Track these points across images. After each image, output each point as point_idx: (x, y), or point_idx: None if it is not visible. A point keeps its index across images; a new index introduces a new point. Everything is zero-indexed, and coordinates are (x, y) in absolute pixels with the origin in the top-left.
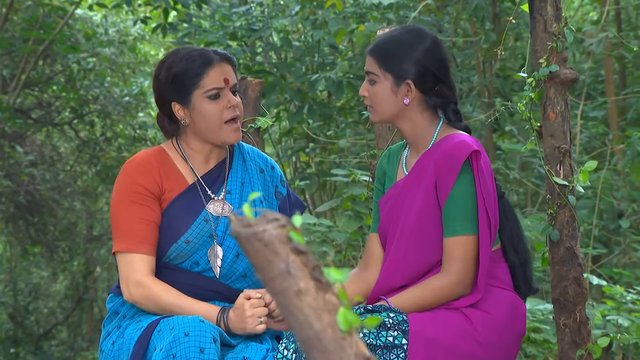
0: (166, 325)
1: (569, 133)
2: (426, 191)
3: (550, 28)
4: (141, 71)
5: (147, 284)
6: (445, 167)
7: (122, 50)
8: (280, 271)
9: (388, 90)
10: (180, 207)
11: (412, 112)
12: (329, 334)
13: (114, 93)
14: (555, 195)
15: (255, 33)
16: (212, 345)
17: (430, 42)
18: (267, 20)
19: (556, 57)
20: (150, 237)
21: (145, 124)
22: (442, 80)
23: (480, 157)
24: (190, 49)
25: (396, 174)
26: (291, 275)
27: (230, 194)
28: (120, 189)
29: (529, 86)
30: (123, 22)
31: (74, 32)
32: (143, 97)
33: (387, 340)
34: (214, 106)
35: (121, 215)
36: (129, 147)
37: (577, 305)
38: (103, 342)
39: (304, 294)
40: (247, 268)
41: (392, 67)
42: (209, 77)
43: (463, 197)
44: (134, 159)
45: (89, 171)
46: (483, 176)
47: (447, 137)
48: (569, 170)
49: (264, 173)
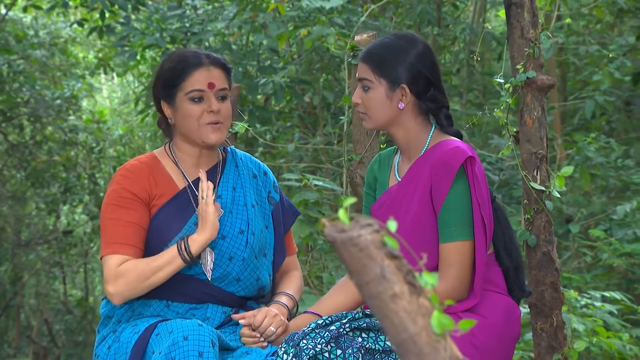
0: (164, 328)
1: (545, 139)
2: (421, 197)
3: (527, 34)
4: (72, 74)
5: (121, 271)
6: (441, 173)
7: (53, 52)
8: (376, 275)
9: (383, 95)
10: (170, 212)
11: (406, 118)
12: (423, 337)
13: (45, 96)
14: (532, 201)
15: (194, 36)
16: (210, 349)
17: (422, 46)
18: (206, 23)
19: (533, 63)
20: (133, 239)
21: (76, 127)
22: (435, 85)
23: (475, 163)
24: (186, 50)
25: (388, 180)
26: (386, 280)
27: (221, 198)
28: (109, 196)
29: (506, 92)
30: (54, 24)
31: (5, 34)
32: (75, 100)
33: (386, 345)
34: (194, 108)
35: (107, 219)
36: (59, 150)
37: (553, 310)
38: (98, 347)
39: (398, 298)
40: (241, 271)
41: (387, 72)
42: (192, 79)
43: (458, 203)
44: (124, 167)
45: (18, 175)
46: (478, 182)
47: (441, 143)
48: (546, 175)
49: (256, 179)
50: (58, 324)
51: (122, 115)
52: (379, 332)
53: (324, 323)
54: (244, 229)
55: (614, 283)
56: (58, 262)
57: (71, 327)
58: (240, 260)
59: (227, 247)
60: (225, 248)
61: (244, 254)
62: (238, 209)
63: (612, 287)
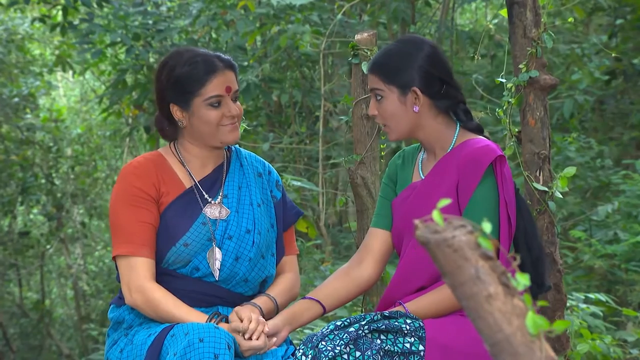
0: (180, 330)
1: (548, 139)
2: (447, 193)
3: (530, 34)
4: (30, 71)
5: (148, 289)
6: (469, 170)
7: (10, 49)
8: (470, 276)
9: (396, 102)
10: (177, 211)
11: (425, 120)
12: (518, 337)
13: (2, 94)
14: (534, 201)
15: (160, 33)
16: (226, 352)
17: (429, 48)
18: (172, 19)
19: (535, 63)
20: (149, 240)
21: (34, 126)
22: (448, 82)
23: (504, 162)
24: (194, 52)
25: (412, 176)
26: (481, 280)
27: (227, 197)
28: (118, 194)
29: (509, 92)
30: (11, 20)
31: None
32: (32, 99)
33: (404, 347)
34: (213, 113)
35: (120, 218)
36: (16, 150)
37: (556, 312)
38: (110, 351)
39: (493, 299)
40: (248, 272)
41: (395, 78)
42: (211, 85)
43: (485, 201)
44: (131, 163)
45: None
46: (506, 182)
47: (469, 140)
48: (549, 176)
49: (261, 177)
50: (13, 328)
51: (81, 114)
52: (397, 334)
53: (342, 325)
54: (250, 229)
55: (594, 285)
56: (13, 264)
57: (26, 331)
58: (247, 260)
59: (234, 247)
60: (232, 248)
61: (250, 253)
62: (244, 208)
63: (592, 288)
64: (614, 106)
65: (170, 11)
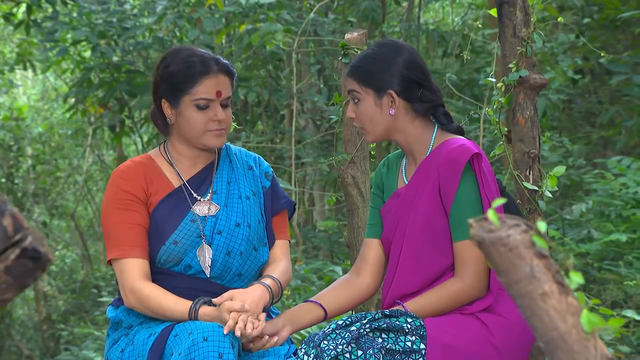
0: (183, 329)
1: (538, 138)
2: (430, 197)
3: (520, 33)
4: None
5: (138, 289)
6: (448, 172)
7: None
8: (525, 275)
9: (372, 104)
10: (165, 210)
11: (402, 123)
12: (573, 335)
13: None
14: (524, 201)
15: (126, 32)
16: (230, 351)
17: (407, 52)
18: (138, 17)
19: (525, 62)
20: (141, 242)
21: None
22: (425, 86)
23: (481, 159)
24: (193, 51)
25: (396, 183)
26: (536, 279)
27: (216, 194)
28: (108, 199)
29: (498, 91)
30: None
31: None
32: None
33: (406, 345)
34: (199, 115)
35: (111, 223)
36: None
37: None
38: (110, 351)
39: (548, 297)
40: (240, 266)
41: (371, 81)
42: (201, 86)
43: (468, 200)
44: (119, 168)
45: None
46: (486, 178)
47: (446, 142)
48: (538, 175)
49: (252, 170)
50: None
51: (42, 113)
52: (399, 333)
53: (344, 324)
54: (240, 222)
55: None
56: None
57: None
58: (238, 255)
59: (224, 242)
60: (223, 243)
61: (241, 247)
62: (233, 202)
63: None
64: (582, 105)
65: (134, 9)
